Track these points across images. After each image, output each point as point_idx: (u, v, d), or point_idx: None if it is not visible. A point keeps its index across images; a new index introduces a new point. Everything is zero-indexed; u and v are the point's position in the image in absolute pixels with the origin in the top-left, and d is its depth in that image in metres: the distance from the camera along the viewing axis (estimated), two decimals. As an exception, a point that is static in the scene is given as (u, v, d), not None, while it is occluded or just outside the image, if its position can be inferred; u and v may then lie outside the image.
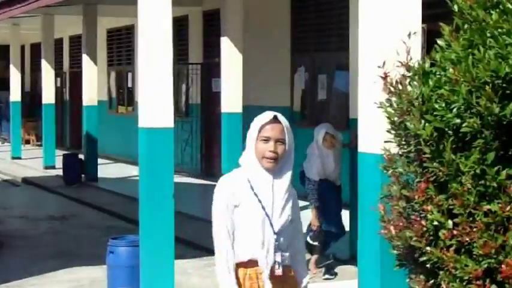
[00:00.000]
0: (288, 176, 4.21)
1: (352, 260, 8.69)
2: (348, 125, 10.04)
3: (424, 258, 4.08)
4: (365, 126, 5.41)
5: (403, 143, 4.35)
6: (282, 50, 15.18)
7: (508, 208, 3.79)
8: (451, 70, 4.03)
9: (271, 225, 4.16)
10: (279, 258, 4.17)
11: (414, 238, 4.10)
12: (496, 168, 3.85)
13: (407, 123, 4.20)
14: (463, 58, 4.02)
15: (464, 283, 3.90)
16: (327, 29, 14.14)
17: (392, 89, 4.46)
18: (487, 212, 3.85)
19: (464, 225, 3.89)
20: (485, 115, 3.84)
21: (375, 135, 5.12)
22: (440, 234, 4.00)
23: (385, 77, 4.54)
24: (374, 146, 5.07)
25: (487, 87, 3.83)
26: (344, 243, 9.12)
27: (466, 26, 4.19)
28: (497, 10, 4.00)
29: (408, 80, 4.43)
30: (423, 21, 5.49)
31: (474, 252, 3.88)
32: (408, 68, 4.46)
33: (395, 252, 4.37)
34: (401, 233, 4.19)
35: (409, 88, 4.36)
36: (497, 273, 3.79)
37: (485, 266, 3.83)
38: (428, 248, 4.04)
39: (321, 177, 8.74)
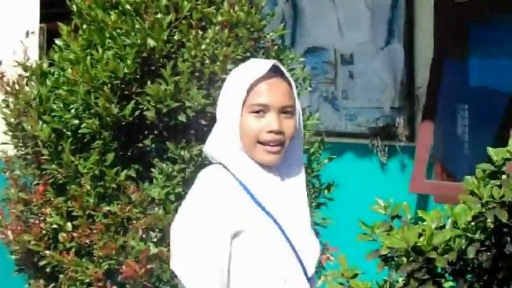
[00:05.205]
0: (302, 169, 2.46)
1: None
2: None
3: (44, 262, 3.98)
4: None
5: (21, 144, 4.21)
6: None
7: (127, 209, 3.80)
8: (69, 70, 3.97)
9: (302, 265, 2.36)
10: None
11: (33, 242, 3.99)
12: (115, 169, 3.85)
13: (25, 125, 4.07)
14: (82, 58, 3.97)
15: (84, 286, 3.86)
16: None
17: (9, 89, 4.31)
18: (107, 213, 3.84)
19: (84, 227, 3.85)
20: (104, 116, 3.83)
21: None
22: (59, 237, 3.93)
23: (1, 77, 4.38)
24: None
25: (105, 88, 3.82)
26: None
27: (85, 26, 4.15)
28: (117, 11, 4.01)
29: (25, 80, 4.30)
30: (43, 21, 5.40)
31: (94, 254, 3.85)
32: (25, 68, 4.33)
33: (13, 257, 4.22)
34: (20, 237, 4.05)
35: (26, 88, 4.24)
36: (118, 274, 3.78)
37: (106, 267, 3.81)
38: (47, 252, 3.95)
39: None
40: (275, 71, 2.35)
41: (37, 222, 4.02)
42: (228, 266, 2.27)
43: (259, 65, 2.36)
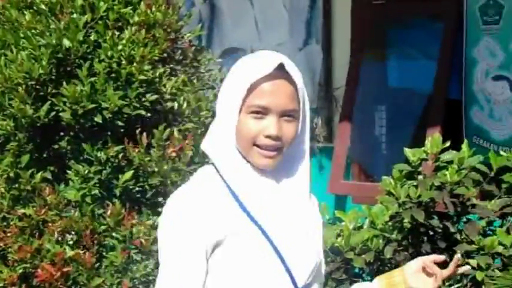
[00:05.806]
0: (304, 173, 2.24)
1: None
2: None
3: None
4: None
5: None
6: None
7: (43, 211, 3.75)
8: (-18, 71, 3.91)
9: (291, 277, 2.16)
10: None
11: None
12: (30, 171, 3.79)
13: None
14: (-5, 59, 3.91)
15: (-6, 290, 3.81)
16: None
17: None
18: (22, 216, 3.78)
19: (-1, 230, 3.80)
20: (19, 117, 3.77)
21: None
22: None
23: None
24: None
25: (20, 89, 3.77)
26: None
27: (-1, 26, 4.09)
28: (31, 11, 3.95)
29: None
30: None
31: (9, 258, 3.78)
32: None
33: None
34: None
35: None
36: (33, 278, 3.73)
37: (21, 271, 3.76)
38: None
39: None
40: (282, 69, 2.18)
41: None
42: (205, 276, 2.11)
43: (265, 62, 2.16)
